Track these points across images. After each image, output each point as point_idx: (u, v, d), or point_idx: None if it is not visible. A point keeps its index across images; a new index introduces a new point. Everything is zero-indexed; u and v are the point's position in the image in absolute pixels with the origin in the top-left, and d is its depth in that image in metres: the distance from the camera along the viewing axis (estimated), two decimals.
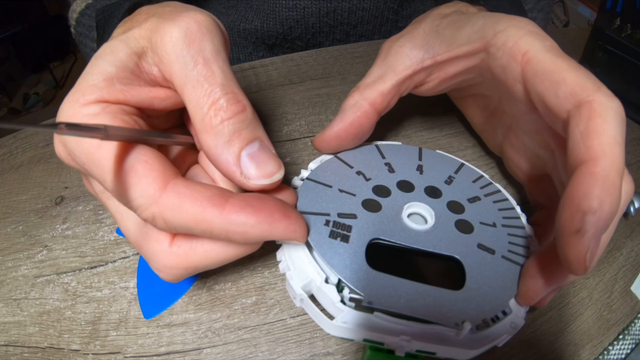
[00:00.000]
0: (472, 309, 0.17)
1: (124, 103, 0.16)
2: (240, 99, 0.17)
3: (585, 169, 0.15)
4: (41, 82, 1.95)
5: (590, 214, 0.14)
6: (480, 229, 0.20)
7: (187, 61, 0.16)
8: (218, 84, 0.16)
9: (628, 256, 0.24)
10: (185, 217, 0.15)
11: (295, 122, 0.31)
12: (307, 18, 0.42)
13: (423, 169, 0.23)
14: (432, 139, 0.30)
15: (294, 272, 0.18)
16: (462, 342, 0.16)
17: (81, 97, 0.16)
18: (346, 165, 0.23)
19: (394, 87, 0.23)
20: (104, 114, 0.15)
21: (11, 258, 0.24)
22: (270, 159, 0.17)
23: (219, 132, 0.16)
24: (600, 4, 0.36)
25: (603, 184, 0.14)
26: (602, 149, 0.15)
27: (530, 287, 0.17)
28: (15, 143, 0.32)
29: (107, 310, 0.21)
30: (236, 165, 0.16)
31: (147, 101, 0.17)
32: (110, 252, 0.24)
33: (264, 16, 0.43)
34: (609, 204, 0.14)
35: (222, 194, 0.15)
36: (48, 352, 0.20)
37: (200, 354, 0.20)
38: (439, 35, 0.22)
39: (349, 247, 0.18)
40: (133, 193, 0.15)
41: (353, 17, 0.43)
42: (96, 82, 0.16)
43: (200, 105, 0.16)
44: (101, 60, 0.16)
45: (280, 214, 0.16)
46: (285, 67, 0.37)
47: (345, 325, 0.16)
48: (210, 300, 0.21)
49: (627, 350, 0.20)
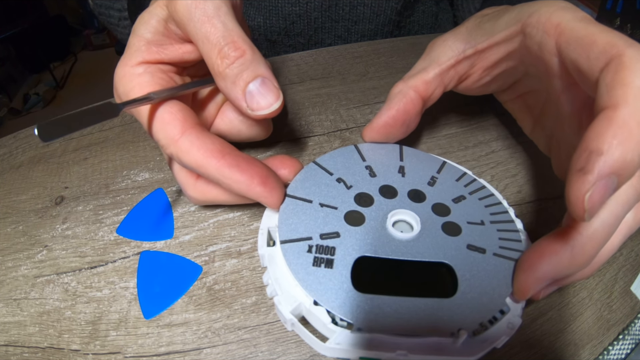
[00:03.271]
0: (468, 314, 0.17)
1: (160, 62, 0.22)
2: (240, 45, 0.20)
3: (604, 115, 0.14)
4: (41, 83, 1.95)
5: (596, 154, 0.13)
6: (468, 229, 0.20)
7: (196, 22, 0.20)
8: (220, 35, 0.19)
9: (628, 256, 0.24)
10: (192, 160, 0.19)
11: (295, 122, 0.31)
12: (309, 12, 0.43)
13: (405, 170, 0.23)
14: (432, 139, 0.30)
15: (282, 297, 0.18)
16: (460, 350, 0.16)
17: (129, 61, 0.21)
18: (326, 172, 0.22)
19: (437, 76, 0.23)
20: (145, 73, 0.21)
21: (11, 258, 0.24)
22: (269, 91, 0.20)
23: (226, 76, 0.20)
24: (600, 4, 0.36)
25: (617, 128, 0.13)
26: (626, 97, 0.14)
27: (523, 280, 0.17)
28: (15, 143, 0.32)
29: (107, 310, 0.21)
30: (242, 100, 0.19)
31: (178, 56, 0.22)
32: (110, 252, 0.24)
33: (266, 12, 0.43)
34: (621, 151, 0.13)
35: (222, 149, 0.19)
36: (48, 352, 0.20)
37: (200, 354, 0.20)
38: (480, 29, 0.22)
39: (334, 272, 0.18)
40: (159, 134, 0.20)
41: (354, 12, 0.44)
42: (139, 47, 0.21)
43: (210, 56, 0.20)
44: (139, 30, 0.21)
45: (259, 180, 0.19)
46: (285, 67, 0.37)
47: (339, 347, 0.16)
48: (210, 300, 0.21)
49: (627, 350, 0.20)
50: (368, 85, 0.35)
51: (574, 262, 0.16)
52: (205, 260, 0.23)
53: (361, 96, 0.34)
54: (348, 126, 0.31)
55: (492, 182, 0.27)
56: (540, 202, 0.26)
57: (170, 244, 0.24)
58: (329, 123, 0.31)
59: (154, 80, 0.21)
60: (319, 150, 0.29)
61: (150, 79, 0.20)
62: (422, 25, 0.48)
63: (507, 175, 0.28)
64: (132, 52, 0.21)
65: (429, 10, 0.48)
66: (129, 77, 0.21)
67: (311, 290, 0.17)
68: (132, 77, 0.21)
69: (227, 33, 0.20)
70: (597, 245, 0.16)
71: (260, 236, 0.20)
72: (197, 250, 0.24)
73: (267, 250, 0.19)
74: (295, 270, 0.18)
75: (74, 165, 0.29)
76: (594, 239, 0.16)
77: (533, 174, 0.28)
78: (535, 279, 0.17)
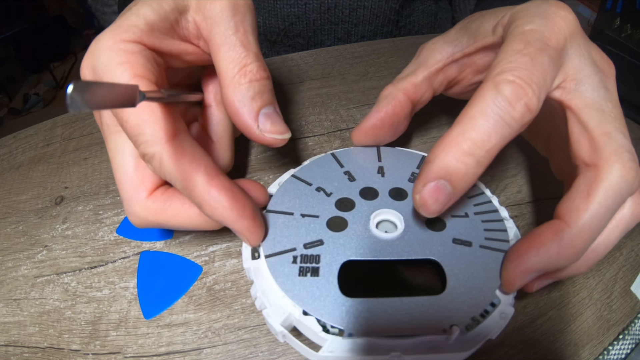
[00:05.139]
0: (459, 309, 0.17)
1: (157, 50, 0.19)
2: (267, 69, 0.19)
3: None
4: (41, 83, 1.95)
5: (425, 163, 0.17)
6: (452, 223, 0.20)
7: (230, 26, 0.19)
8: (252, 51, 0.19)
9: (628, 256, 0.24)
10: (178, 169, 0.17)
11: (295, 122, 0.31)
12: (308, 14, 0.43)
13: (384, 170, 0.23)
14: (432, 140, 0.30)
15: (271, 309, 0.17)
16: (454, 346, 0.16)
17: (123, 33, 0.17)
18: (304, 183, 0.22)
19: (425, 79, 0.23)
20: (140, 56, 0.17)
21: (11, 258, 0.24)
22: (281, 121, 0.19)
23: (245, 90, 0.19)
24: (600, 4, 0.36)
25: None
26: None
27: (510, 271, 0.17)
28: (15, 143, 0.32)
29: (107, 310, 0.21)
30: (254, 119, 0.19)
31: (177, 53, 0.20)
32: (110, 252, 0.24)
33: (265, 13, 0.43)
34: (443, 160, 0.16)
35: (215, 168, 0.18)
36: (48, 352, 0.20)
37: (200, 354, 0.20)
38: (467, 30, 0.22)
39: (320, 280, 0.18)
40: (147, 129, 0.16)
41: (354, 14, 0.43)
42: (138, 24, 0.18)
43: (234, 64, 0.19)
44: (146, 7, 0.18)
45: (250, 212, 0.18)
46: (285, 67, 0.37)
47: (332, 354, 0.16)
48: (210, 300, 0.21)
49: (627, 350, 0.20)
50: (368, 85, 0.35)
51: (562, 255, 0.16)
52: (205, 260, 0.23)
53: (361, 96, 0.34)
54: (348, 126, 0.31)
55: (491, 182, 0.27)
56: (540, 202, 0.26)
57: (170, 244, 0.24)
58: (329, 123, 0.31)
59: (147, 65, 0.17)
60: (319, 150, 0.29)
61: (144, 63, 0.17)
62: (421, 24, 0.49)
63: (507, 175, 0.28)
64: (128, 26, 0.17)
65: (429, 10, 0.48)
66: (119, 52, 0.17)
67: (299, 301, 0.17)
68: (125, 53, 0.17)
69: (258, 52, 0.19)
70: (586, 238, 0.16)
71: (244, 249, 0.20)
72: (197, 250, 0.24)
73: (252, 263, 0.19)
74: (281, 283, 0.18)
75: (74, 165, 0.29)
76: (583, 231, 0.16)
77: (533, 174, 0.28)
78: (522, 271, 0.17)
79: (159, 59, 0.19)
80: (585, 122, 0.17)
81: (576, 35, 0.18)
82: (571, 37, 0.17)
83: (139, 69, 0.17)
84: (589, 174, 0.17)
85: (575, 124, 0.18)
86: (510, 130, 0.16)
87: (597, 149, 0.16)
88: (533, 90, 0.16)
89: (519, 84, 0.16)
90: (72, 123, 0.32)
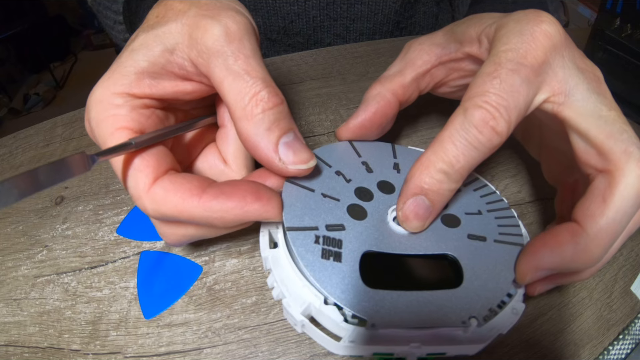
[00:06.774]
0: (476, 301, 0.17)
1: (149, 97, 0.18)
2: (279, 93, 0.18)
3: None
4: (41, 83, 1.95)
5: (405, 182, 0.18)
6: (467, 220, 0.20)
7: (229, 56, 0.17)
8: (259, 77, 0.17)
9: (628, 256, 0.24)
10: (170, 208, 0.17)
11: (296, 122, 0.31)
12: (308, 11, 0.43)
13: (399, 167, 0.23)
14: (432, 139, 0.30)
15: (290, 299, 0.17)
16: (471, 338, 0.16)
17: (112, 86, 0.18)
18: (324, 163, 0.22)
19: (413, 80, 0.23)
20: (123, 106, 0.18)
21: (11, 258, 0.24)
22: (303, 147, 0.18)
23: (260, 121, 0.17)
24: (600, 4, 0.36)
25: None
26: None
27: (524, 263, 0.18)
28: (15, 143, 0.32)
29: (107, 310, 0.21)
30: (275, 151, 0.18)
31: (171, 94, 0.19)
32: (110, 252, 0.24)
33: (264, 12, 0.43)
34: (418, 178, 0.18)
35: (201, 185, 0.17)
36: (48, 352, 0.20)
37: (200, 354, 0.20)
38: (453, 34, 0.22)
39: (343, 266, 0.18)
40: (129, 182, 0.17)
41: (352, 10, 0.44)
42: (127, 74, 0.18)
43: (242, 95, 0.17)
44: (136, 54, 0.18)
45: (252, 196, 0.17)
46: (285, 67, 0.37)
47: (353, 344, 0.16)
48: (210, 300, 0.21)
49: (627, 350, 0.20)
50: (368, 85, 0.34)
51: (576, 258, 0.16)
52: (205, 260, 0.23)
53: (361, 96, 0.33)
54: None
55: (492, 182, 0.27)
56: (540, 202, 0.26)
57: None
58: (329, 123, 0.31)
59: (131, 115, 0.18)
60: None
61: (127, 114, 0.17)
62: (422, 26, 0.49)
63: (507, 175, 0.28)
64: (119, 77, 0.18)
65: (430, 11, 0.48)
66: (105, 105, 0.17)
67: (323, 285, 0.17)
68: (109, 106, 0.17)
69: (266, 77, 0.18)
70: (603, 245, 0.16)
71: (261, 238, 0.20)
72: (197, 250, 0.24)
73: (270, 252, 0.19)
74: (305, 262, 0.17)
75: None
76: (600, 238, 0.16)
77: (533, 174, 0.28)
78: (535, 266, 0.17)
79: (152, 101, 0.19)
80: (585, 131, 0.17)
81: (559, 47, 0.17)
82: (553, 50, 0.17)
83: (122, 121, 0.17)
84: (603, 179, 0.17)
85: (575, 136, 0.18)
86: (479, 152, 0.17)
87: (605, 153, 0.16)
88: (501, 114, 0.16)
89: (486, 109, 0.16)
90: (72, 123, 0.32)
